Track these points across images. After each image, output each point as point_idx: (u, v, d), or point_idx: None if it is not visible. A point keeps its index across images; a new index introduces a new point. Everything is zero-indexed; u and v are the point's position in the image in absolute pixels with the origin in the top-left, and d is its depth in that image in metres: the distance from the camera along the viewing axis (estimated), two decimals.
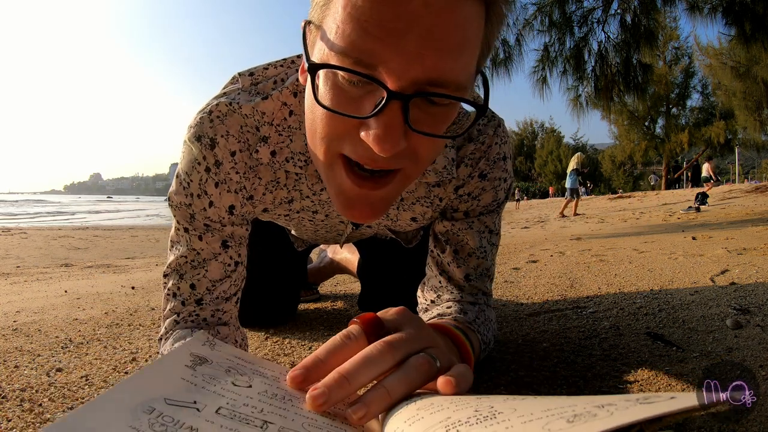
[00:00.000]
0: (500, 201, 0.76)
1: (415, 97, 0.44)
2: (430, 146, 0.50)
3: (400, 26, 0.41)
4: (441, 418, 0.34)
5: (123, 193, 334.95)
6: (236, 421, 0.35)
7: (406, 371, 0.42)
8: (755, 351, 0.79)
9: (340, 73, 0.45)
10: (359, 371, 0.41)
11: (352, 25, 0.42)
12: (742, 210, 6.58)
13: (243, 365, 0.45)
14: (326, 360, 0.43)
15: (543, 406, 0.31)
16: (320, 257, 1.60)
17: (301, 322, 1.22)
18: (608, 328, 1.01)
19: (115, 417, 0.32)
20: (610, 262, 2.04)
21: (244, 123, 0.65)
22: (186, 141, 0.66)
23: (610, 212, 9.18)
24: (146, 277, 2.29)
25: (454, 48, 0.43)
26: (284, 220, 0.81)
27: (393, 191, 0.54)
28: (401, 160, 0.49)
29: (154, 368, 0.40)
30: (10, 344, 1.02)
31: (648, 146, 23.01)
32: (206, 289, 0.67)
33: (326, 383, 0.40)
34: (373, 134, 0.44)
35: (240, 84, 0.67)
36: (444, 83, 0.44)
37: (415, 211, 0.78)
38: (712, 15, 5.23)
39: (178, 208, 0.67)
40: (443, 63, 0.43)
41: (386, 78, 0.43)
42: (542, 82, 5.98)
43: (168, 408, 0.34)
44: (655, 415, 0.24)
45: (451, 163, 0.71)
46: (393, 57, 0.42)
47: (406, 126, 0.45)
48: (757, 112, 13.37)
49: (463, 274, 0.76)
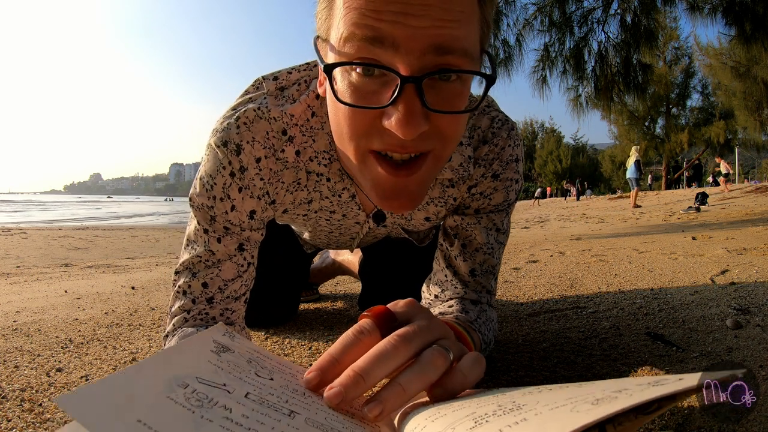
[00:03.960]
0: (511, 201, 0.78)
1: (427, 77, 0.47)
2: (453, 123, 0.52)
3: (397, 8, 0.45)
4: (466, 413, 0.34)
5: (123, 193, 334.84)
6: (265, 407, 0.35)
7: (421, 366, 0.42)
8: (755, 351, 0.79)
9: (354, 71, 0.49)
10: (374, 368, 0.40)
11: (353, 13, 0.46)
12: (742, 210, 6.58)
13: (262, 359, 0.44)
14: (341, 359, 0.43)
15: (564, 395, 0.32)
16: (322, 258, 1.60)
17: (301, 322, 1.22)
18: (608, 328, 1.01)
19: (153, 384, 0.32)
20: (610, 262, 2.04)
21: (270, 128, 0.66)
22: (211, 144, 0.67)
23: (610, 212, 9.18)
24: (146, 277, 2.29)
25: (453, 17, 0.46)
26: (302, 220, 0.82)
27: (427, 175, 0.56)
28: (428, 141, 0.51)
29: (181, 348, 0.40)
30: (10, 344, 1.02)
31: (648, 146, 23.00)
32: (218, 288, 0.68)
33: (342, 382, 0.40)
34: (395, 120, 0.47)
35: (264, 89, 0.68)
36: (451, 49, 0.46)
37: (429, 211, 0.80)
38: (712, 15, 5.23)
39: (199, 209, 0.68)
40: (446, 31, 0.46)
41: (396, 63, 0.46)
42: (542, 82, 5.98)
43: (200, 386, 0.34)
44: (670, 393, 0.26)
45: (467, 161, 0.73)
46: (396, 32, 0.45)
47: (425, 108, 0.47)
48: (757, 112, 13.37)
49: (469, 268, 0.77)
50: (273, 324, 1.18)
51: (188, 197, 0.70)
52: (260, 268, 0.80)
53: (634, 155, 9.79)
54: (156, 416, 0.29)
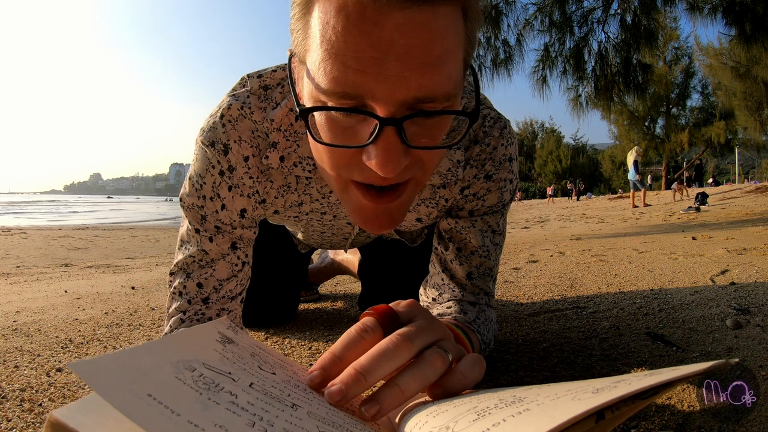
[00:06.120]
0: (505, 202, 0.76)
1: (407, 119, 0.44)
2: (434, 154, 0.51)
3: (377, 54, 0.41)
4: (468, 407, 0.34)
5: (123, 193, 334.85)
6: (269, 397, 0.35)
7: (420, 367, 0.42)
8: (755, 351, 0.79)
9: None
10: (376, 367, 0.40)
11: (332, 62, 0.43)
12: (742, 210, 6.58)
13: (265, 355, 0.45)
14: (343, 357, 0.43)
15: (565, 388, 0.33)
16: (321, 257, 1.60)
17: (301, 322, 1.22)
18: (608, 328, 1.01)
19: (162, 364, 0.33)
20: (610, 262, 2.04)
21: (255, 128, 0.66)
22: (199, 144, 0.67)
23: (610, 212, 9.18)
24: (146, 277, 2.29)
25: (436, 62, 0.43)
26: (293, 222, 0.82)
27: (407, 199, 0.55)
28: (409, 171, 0.50)
29: (188, 334, 0.40)
30: (10, 344, 1.02)
31: (648, 146, 22.99)
32: (213, 288, 0.68)
33: (343, 380, 0.40)
34: (375, 160, 0.45)
35: (249, 87, 0.68)
36: (432, 98, 0.44)
37: (420, 212, 0.79)
38: (712, 15, 5.23)
39: (189, 209, 0.68)
40: (427, 80, 0.43)
41: (374, 107, 0.43)
42: (542, 82, 5.98)
43: (207, 371, 0.35)
44: (666, 381, 0.27)
45: (456, 165, 0.71)
46: (376, 85, 0.42)
47: (405, 145, 0.45)
48: (757, 113, 13.36)
49: (466, 272, 0.76)
50: (273, 324, 1.18)
51: (179, 197, 0.70)
52: (256, 268, 0.80)
53: (633, 156, 9.81)
54: (166, 393, 0.29)
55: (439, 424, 0.34)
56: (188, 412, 0.28)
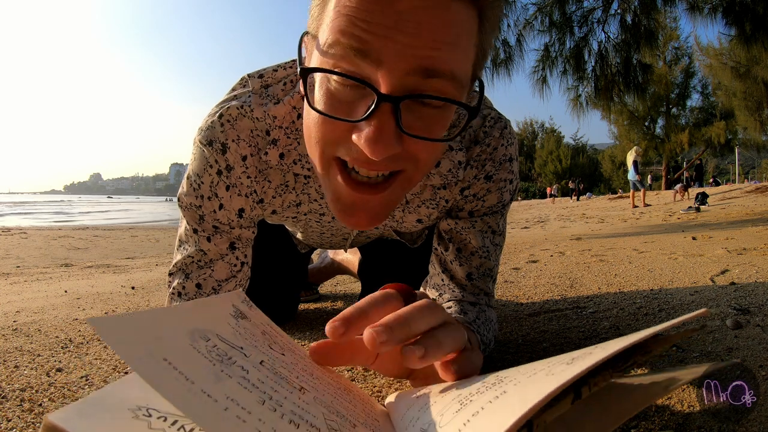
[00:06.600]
0: (505, 202, 0.76)
1: (406, 99, 0.43)
2: (429, 149, 0.50)
3: (389, 22, 0.41)
4: (453, 396, 0.35)
5: (123, 193, 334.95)
6: (279, 377, 0.35)
7: (450, 330, 0.42)
8: (755, 351, 0.79)
9: (333, 78, 0.45)
10: (416, 319, 0.41)
11: (342, 19, 0.43)
12: (742, 210, 6.58)
13: (275, 335, 0.45)
14: (368, 313, 0.42)
15: (545, 363, 0.34)
16: (321, 257, 1.60)
17: (301, 322, 1.22)
18: (608, 328, 1.01)
19: (177, 331, 0.32)
20: (610, 262, 2.04)
21: (254, 127, 0.65)
22: (197, 143, 0.66)
23: (610, 212, 9.18)
24: (146, 277, 2.29)
25: (446, 42, 0.43)
26: (292, 222, 0.81)
27: (393, 196, 0.53)
28: (399, 162, 0.49)
29: (204, 303, 0.40)
30: (10, 344, 1.02)
31: (648, 146, 23.00)
32: (212, 288, 0.68)
33: (387, 322, 0.39)
34: (364, 137, 0.44)
35: (250, 86, 0.67)
36: (438, 72, 0.43)
37: (421, 213, 0.78)
38: (712, 15, 5.23)
39: (187, 209, 0.68)
40: (436, 53, 0.43)
41: (378, 79, 0.43)
42: (542, 82, 5.99)
43: (221, 343, 0.35)
44: (639, 340, 0.28)
45: (457, 166, 0.70)
46: (383, 48, 0.42)
47: (399, 130, 0.45)
48: (757, 113, 13.37)
49: (465, 272, 0.76)
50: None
51: (177, 197, 0.70)
52: (256, 268, 0.80)
53: (632, 156, 9.83)
54: (181, 359, 0.29)
55: (428, 419, 0.34)
56: (202, 381, 0.28)
